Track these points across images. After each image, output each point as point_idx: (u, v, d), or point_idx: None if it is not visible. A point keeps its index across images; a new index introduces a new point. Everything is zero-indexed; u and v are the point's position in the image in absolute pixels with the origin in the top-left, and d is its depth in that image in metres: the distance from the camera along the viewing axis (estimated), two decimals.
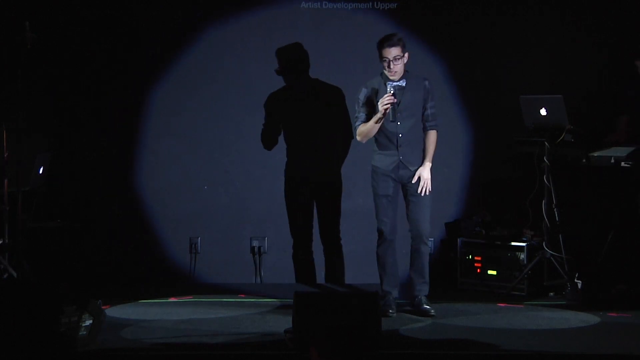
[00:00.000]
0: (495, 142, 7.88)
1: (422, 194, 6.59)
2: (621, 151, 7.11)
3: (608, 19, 7.80)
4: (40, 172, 7.22)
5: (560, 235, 7.25)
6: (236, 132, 7.87)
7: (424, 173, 6.62)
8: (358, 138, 6.70)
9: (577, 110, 7.35)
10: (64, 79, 7.77)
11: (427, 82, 6.66)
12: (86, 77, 7.78)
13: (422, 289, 6.70)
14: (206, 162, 7.90)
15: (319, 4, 7.86)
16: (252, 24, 7.84)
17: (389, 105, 6.41)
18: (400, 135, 6.59)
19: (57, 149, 7.66)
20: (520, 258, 7.40)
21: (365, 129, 6.60)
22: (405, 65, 6.59)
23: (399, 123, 6.55)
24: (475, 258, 7.58)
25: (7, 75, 7.03)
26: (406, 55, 6.57)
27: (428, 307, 6.60)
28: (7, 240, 6.94)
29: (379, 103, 6.46)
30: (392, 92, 6.41)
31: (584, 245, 7.54)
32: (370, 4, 7.86)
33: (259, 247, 7.89)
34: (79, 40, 7.75)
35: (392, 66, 6.49)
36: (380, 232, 6.72)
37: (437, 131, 6.70)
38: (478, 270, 7.56)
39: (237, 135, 7.88)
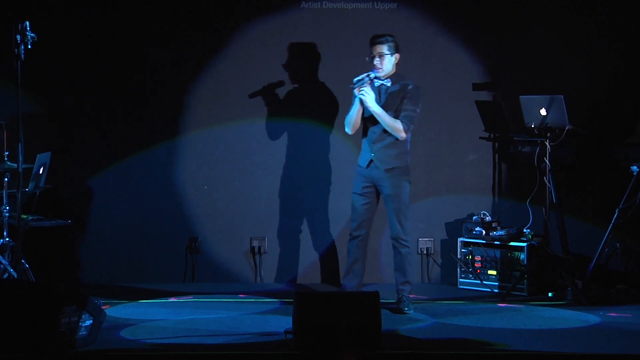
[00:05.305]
0: (495, 142, 7.88)
1: (360, 92, 6.61)
2: None
3: (612, 17, 7.79)
4: (40, 172, 7.22)
5: (560, 235, 7.24)
6: (236, 132, 7.87)
7: (371, 96, 6.63)
8: (346, 129, 6.85)
9: (579, 110, 7.36)
10: (64, 79, 7.76)
11: (411, 86, 6.70)
12: (85, 78, 7.77)
13: (404, 289, 6.75)
14: (206, 162, 7.89)
15: (319, 4, 7.86)
16: (252, 24, 7.84)
17: (360, 83, 6.59)
18: (375, 132, 6.71)
19: (57, 149, 7.66)
20: (520, 258, 7.40)
21: (348, 116, 6.80)
22: (397, 66, 6.72)
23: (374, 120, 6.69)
24: (476, 258, 7.58)
25: (7, 75, 7.02)
26: (395, 56, 6.71)
27: (405, 307, 6.66)
28: (7, 240, 6.93)
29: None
30: (363, 76, 6.62)
31: (584, 245, 7.54)
32: (370, 4, 7.85)
33: (259, 247, 7.89)
34: (79, 41, 7.74)
35: (375, 62, 6.67)
36: None
37: (402, 125, 6.63)
38: (478, 271, 7.56)
39: (237, 135, 7.87)
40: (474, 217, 7.72)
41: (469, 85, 7.87)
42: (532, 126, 7.25)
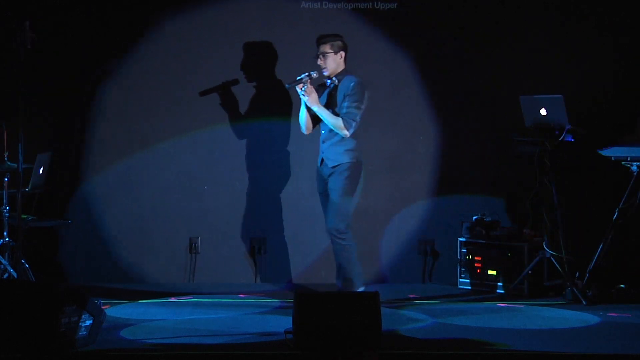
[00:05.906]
0: (496, 142, 7.87)
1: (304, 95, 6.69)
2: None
3: (612, 17, 7.79)
4: (40, 172, 7.22)
5: (560, 235, 7.25)
6: (236, 132, 7.87)
7: (312, 95, 6.68)
8: (301, 129, 6.95)
9: (579, 110, 7.35)
10: (64, 79, 7.76)
11: (352, 83, 6.73)
12: (85, 78, 7.78)
13: (346, 285, 6.74)
14: (206, 162, 7.89)
15: (319, 4, 7.86)
16: (252, 23, 7.84)
17: (299, 82, 6.68)
18: (323, 132, 6.83)
19: (57, 149, 7.67)
20: (520, 258, 7.39)
21: (299, 116, 6.91)
22: (345, 64, 6.82)
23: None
24: (476, 258, 7.58)
25: (7, 75, 7.03)
26: (340, 54, 6.80)
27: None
28: (7, 240, 6.94)
29: None
30: (302, 76, 6.71)
31: (584, 245, 7.54)
32: (370, 4, 7.85)
33: (259, 247, 7.89)
34: (78, 41, 7.75)
35: (319, 61, 6.78)
36: None
37: (343, 122, 6.66)
38: (478, 271, 7.56)
39: (236, 134, 7.87)
40: (474, 217, 7.72)
41: (469, 85, 7.87)
42: (532, 126, 7.24)
